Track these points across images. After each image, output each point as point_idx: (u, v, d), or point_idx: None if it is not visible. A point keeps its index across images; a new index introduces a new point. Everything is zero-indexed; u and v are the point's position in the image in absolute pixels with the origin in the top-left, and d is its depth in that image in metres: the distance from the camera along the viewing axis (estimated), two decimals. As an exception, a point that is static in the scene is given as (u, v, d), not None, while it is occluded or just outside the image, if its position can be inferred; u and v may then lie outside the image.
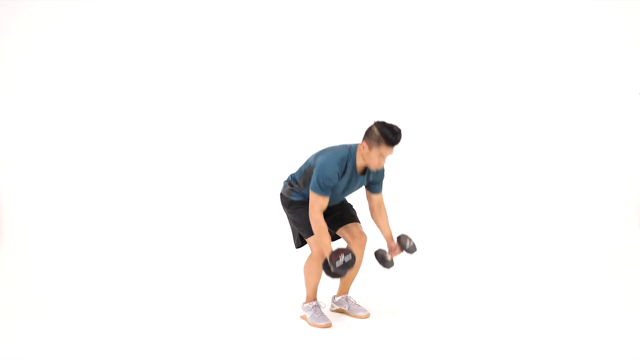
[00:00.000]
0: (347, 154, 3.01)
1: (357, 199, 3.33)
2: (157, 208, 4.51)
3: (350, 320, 3.23)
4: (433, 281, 3.85)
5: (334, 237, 3.30)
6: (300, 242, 3.27)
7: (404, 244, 3.18)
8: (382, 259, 3.17)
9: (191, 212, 4.54)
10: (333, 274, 2.96)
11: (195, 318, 3.27)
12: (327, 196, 2.98)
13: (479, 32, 4.60)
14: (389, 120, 2.95)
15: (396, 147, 2.94)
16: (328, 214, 3.15)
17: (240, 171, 4.62)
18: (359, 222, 3.26)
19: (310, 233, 3.10)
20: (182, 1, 4.52)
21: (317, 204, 2.97)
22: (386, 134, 2.88)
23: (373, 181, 3.16)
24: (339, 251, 2.94)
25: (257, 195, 4.58)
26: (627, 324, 3.07)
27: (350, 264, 2.94)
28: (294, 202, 3.16)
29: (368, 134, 2.95)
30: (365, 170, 3.08)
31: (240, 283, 3.86)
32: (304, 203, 3.11)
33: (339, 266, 2.91)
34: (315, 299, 3.23)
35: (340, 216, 3.22)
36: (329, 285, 3.53)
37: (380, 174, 3.17)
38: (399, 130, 2.90)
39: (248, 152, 4.63)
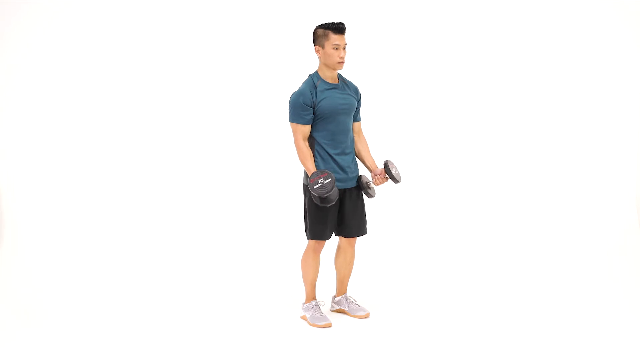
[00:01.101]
0: (308, 77, 3.10)
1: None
2: (157, 208, 4.51)
3: (350, 320, 3.23)
4: (433, 281, 3.85)
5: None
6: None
7: (389, 169, 3.11)
8: (365, 186, 3.16)
9: (191, 212, 4.54)
10: (320, 199, 2.93)
11: (195, 318, 3.27)
12: (307, 124, 3.03)
13: (478, 32, 4.60)
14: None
15: (346, 36, 3.02)
16: (345, 219, 3.15)
17: (240, 171, 4.61)
18: (360, 235, 3.23)
19: (311, 234, 3.11)
20: (182, 1, 4.52)
21: (298, 132, 3.03)
22: (328, 26, 3.00)
23: (357, 100, 3.20)
24: (317, 174, 2.92)
25: (257, 195, 4.58)
26: (627, 324, 3.08)
27: (328, 186, 2.89)
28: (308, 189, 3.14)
29: (314, 38, 3.05)
30: (339, 79, 3.13)
31: (240, 283, 3.86)
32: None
33: (316, 187, 2.88)
34: (314, 298, 3.23)
35: (350, 226, 3.18)
36: (328, 285, 3.53)
37: (357, 92, 3.21)
38: (340, 21, 3.03)
39: (248, 152, 4.63)
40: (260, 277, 3.95)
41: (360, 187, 3.18)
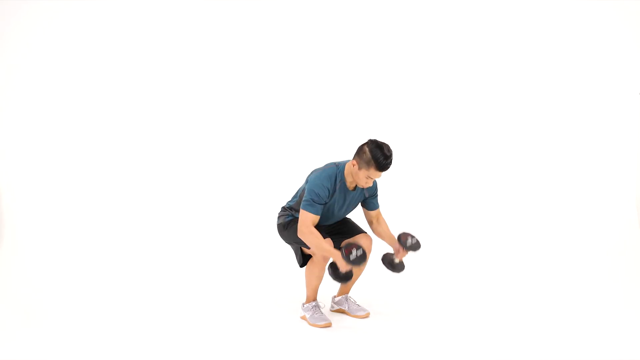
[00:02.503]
0: (335, 170, 3.02)
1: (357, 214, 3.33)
2: (157, 209, 4.51)
3: (350, 320, 3.23)
4: (433, 281, 3.85)
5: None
6: (302, 260, 3.22)
7: (404, 242, 3.12)
8: (390, 263, 3.15)
9: (191, 211, 4.54)
10: (341, 277, 2.95)
11: (195, 318, 3.27)
12: (318, 215, 2.98)
13: (478, 33, 4.61)
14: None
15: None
16: (331, 232, 3.19)
17: (240, 172, 4.62)
18: (364, 231, 3.25)
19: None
20: (182, 1, 4.52)
21: (308, 220, 2.96)
22: (377, 158, 2.87)
23: (368, 196, 3.17)
24: (350, 246, 2.92)
25: (257, 195, 4.58)
26: (627, 324, 3.08)
27: (362, 258, 2.90)
28: (290, 222, 3.17)
29: (359, 153, 2.95)
30: (356, 186, 3.08)
31: (240, 283, 3.86)
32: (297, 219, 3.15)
33: (352, 260, 2.88)
34: (315, 300, 3.23)
35: (343, 231, 3.22)
36: (329, 286, 3.53)
37: (373, 187, 3.17)
38: (390, 154, 2.89)
39: (248, 152, 4.63)
40: (260, 277, 3.96)
41: (386, 266, 3.16)
